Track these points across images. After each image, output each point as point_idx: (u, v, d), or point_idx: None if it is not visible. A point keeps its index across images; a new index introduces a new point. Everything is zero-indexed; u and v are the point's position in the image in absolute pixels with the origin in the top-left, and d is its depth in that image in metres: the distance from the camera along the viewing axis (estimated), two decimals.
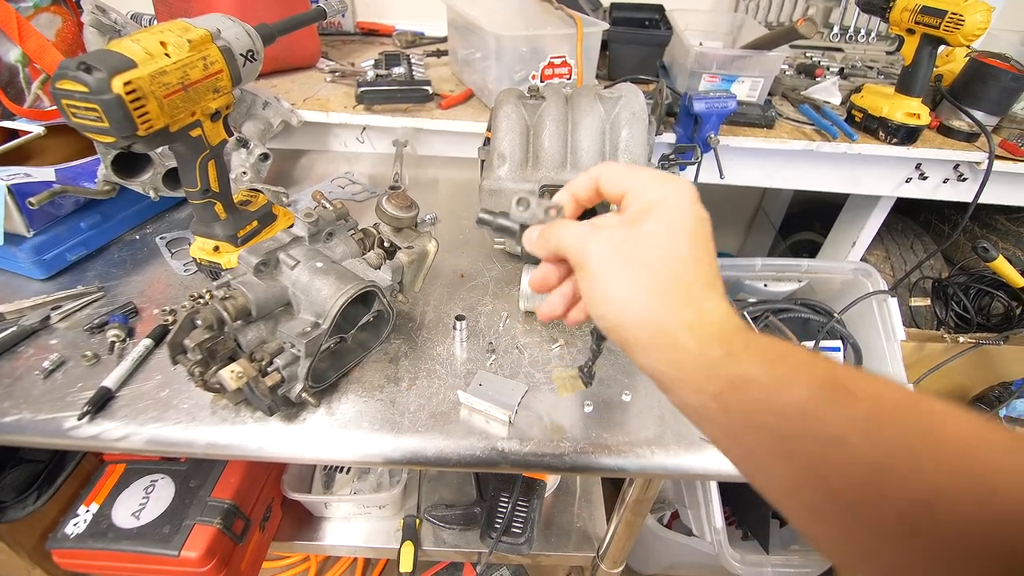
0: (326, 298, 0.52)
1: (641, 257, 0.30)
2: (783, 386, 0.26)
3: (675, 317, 0.29)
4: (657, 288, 0.30)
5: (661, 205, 0.32)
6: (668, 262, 0.30)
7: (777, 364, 0.27)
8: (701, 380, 0.28)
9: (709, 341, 0.28)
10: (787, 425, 0.25)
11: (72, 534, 0.76)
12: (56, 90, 0.50)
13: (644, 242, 0.31)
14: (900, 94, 1.01)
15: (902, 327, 1.13)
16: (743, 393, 0.27)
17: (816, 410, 0.24)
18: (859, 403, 0.24)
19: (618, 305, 0.31)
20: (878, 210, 1.28)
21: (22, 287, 0.72)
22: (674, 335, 0.29)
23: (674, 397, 0.30)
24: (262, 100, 0.93)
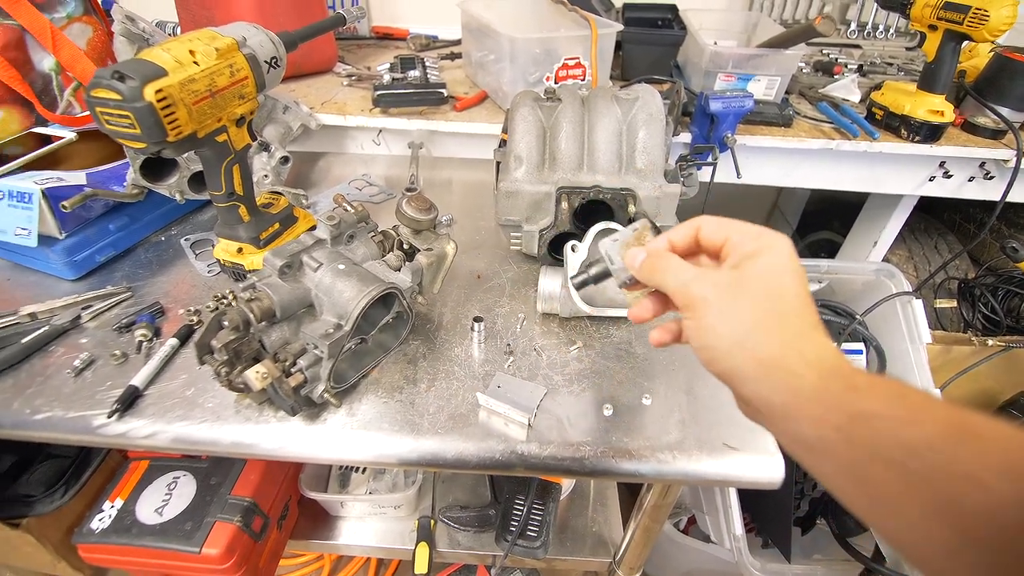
0: (348, 300, 0.53)
1: (750, 297, 0.32)
2: (908, 423, 0.26)
3: (791, 349, 0.30)
4: (768, 324, 0.31)
5: (765, 252, 0.33)
6: (776, 301, 0.32)
7: (899, 402, 0.27)
8: (820, 412, 0.28)
9: (829, 375, 0.29)
10: (918, 460, 0.25)
11: (97, 529, 0.77)
12: (91, 98, 0.51)
13: (752, 284, 0.33)
14: (922, 91, 1.00)
15: (927, 329, 1.11)
16: (868, 427, 0.27)
17: (946, 447, 0.24)
18: (989, 444, 0.24)
19: (729, 340, 0.32)
20: (900, 209, 1.26)
21: (53, 287, 0.74)
22: (791, 366, 0.30)
23: (788, 427, 0.30)
24: (282, 104, 0.95)
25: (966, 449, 0.24)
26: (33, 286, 0.74)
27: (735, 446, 0.56)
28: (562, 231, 0.71)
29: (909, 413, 0.26)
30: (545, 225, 0.72)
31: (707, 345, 0.33)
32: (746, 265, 0.33)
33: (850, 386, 0.28)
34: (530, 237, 0.74)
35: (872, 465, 0.26)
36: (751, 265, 0.33)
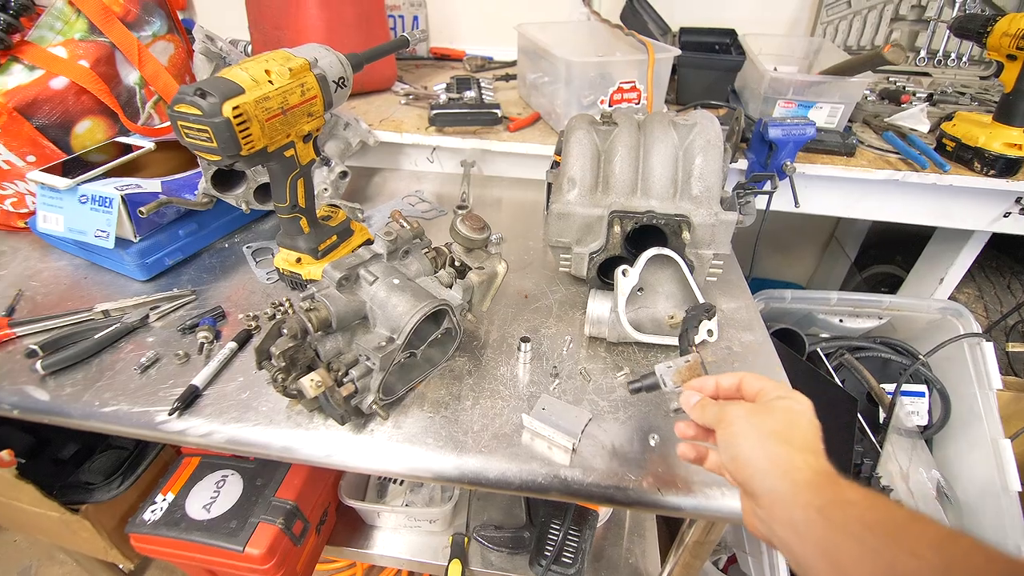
0: (401, 314, 0.54)
1: (771, 419, 0.42)
2: (872, 508, 0.34)
3: (796, 453, 0.39)
4: (782, 437, 0.40)
5: (789, 398, 0.43)
6: (791, 427, 0.41)
7: (869, 495, 0.35)
8: (809, 496, 0.36)
9: (822, 473, 0.37)
10: (874, 537, 0.32)
11: (149, 520, 0.80)
12: (173, 112, 0.55)
13: (774, 412, 0.42)
14: (999, 123, 0.95)
15: (998, 375, 1.04)
16: (842, 510, 0.34)
17: (896, 527, 0.32)
18: (928, 527, 0.32)
19: (749, 445, 0.41)
20: (970, 245, 1.19)
21: (125, 287, 0.78)
22: (795, 464, 0.38)
23: (785, 513, 0.37)
24: (343, 121, 0.98)
25: (909, 531, 0.32)
26: (107, 285, 0.79)
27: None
28: (613, 255, 0.70)
29: (875, 503, 0.35)
30: (596, 248, 0.72)
31: (733, 448, 0.42)
32: (773, 403, 0.44)
33: (834, 481, 0.37)
34: (580, 260, 0.74)
35: (841, 540, 0.34)
36: (776, 402, 0.43)
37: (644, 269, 0.66)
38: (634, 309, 0.69)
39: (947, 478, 1.10)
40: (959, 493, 1.08)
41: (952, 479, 1.10)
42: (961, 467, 1.09)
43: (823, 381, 1.02)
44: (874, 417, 1.12)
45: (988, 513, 1.01)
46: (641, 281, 0.67)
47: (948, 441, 1.13)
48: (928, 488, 1.07)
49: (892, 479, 1.03)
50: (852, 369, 1.14)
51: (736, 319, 0.75)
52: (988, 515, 1.01)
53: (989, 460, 1.02)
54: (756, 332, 0.73)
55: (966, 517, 1.05)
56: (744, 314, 0.76)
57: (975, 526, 1.03)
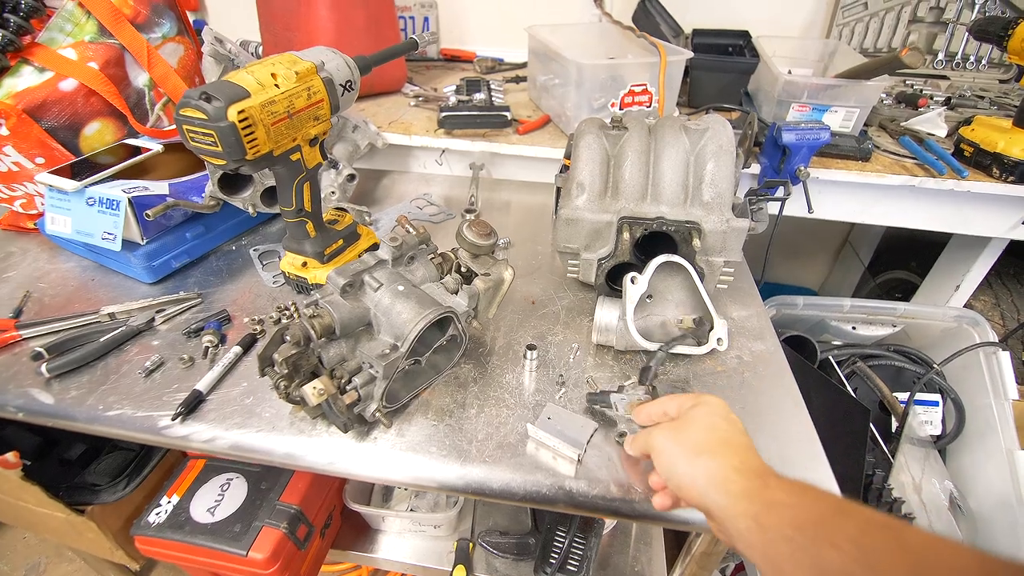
0: (406, 321, 0.53)
1: (691, 432, 0.44)
2: (801, 507, 0.36)
3: (726, 463, 0.41)
4: (708, 449, 0.42)
5: (701, 405, 0.46)
6: (711, 432, 0.44)
7: (798, 493, 0.37)
8: (746, 505, 0.38)
9: (751, 476, 0.39)
10: (802, 535, 0.34)
11: (154, 523, 0.80)
12: (179, 116, 0.54)
13: (690, 424, 0.45)
14: (1019, 128, 0.92)
15: (1015, 384, 1.01)
16: (775, 513, 0.36)
17: (823, 523, 0.34)
18: (851, 519, 0.33)
19: (683, 468, 0.43)
20: (987, 252, 1.16)
21: (132, 289, 0.78)
22: (727, 475, 0.40)
23: (734, 526, 0.38)
24: (352, 124, 0.98)
25: (833, 524, 0.33)
26: (114, 287, 0.79)
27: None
28: (622, 261, 0.69)
29: (803, 500, 0.36)
30: (604, 254, 0.71)
31: (670, 474, 0.44)
32: (689, 414, 0.46)
33: (765, 484, 0.38)
34: (588, 266, 0.73)
35: (775, 544, 0.35)
36: (692, 412, 0.46)
37: (653, 276, 0.65)
38: (643, 317, 0.68)
39: (960, 489, 1.07)
40: (973, 505, 1.06)
41: (966, 490, 1.07)
42: (975, 478, 1.07)
43: (835, 390, 1.01)
44: (886, 426, 1.10)
45: (1002, 525, 0.99)
46: (650, 288, 0.66)
47: (962, 451, 1.10)
48: (941, 499, 1.05)
49: (904, 490, 1.01)
50: (865, 377, 1.12)
51: (747, 327, 0.74)
52: (1002, 527, 0.99)
53: (1004, 472, 1.00)
54: (767, 341, 0.72)
55: (980, 529, 1.03)
56: (755, 322, 0.75)
57: (989, 538, 1.01)
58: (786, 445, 0.58)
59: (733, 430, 0.44)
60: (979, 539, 1.02)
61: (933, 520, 1.01)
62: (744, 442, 0.43)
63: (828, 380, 1.02)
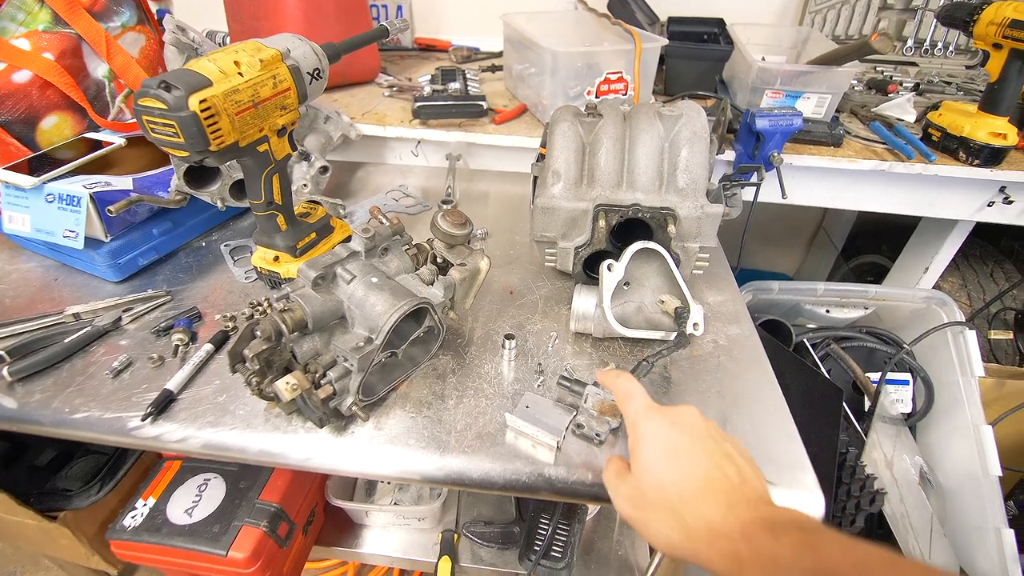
0: (380, 314, 0.52)
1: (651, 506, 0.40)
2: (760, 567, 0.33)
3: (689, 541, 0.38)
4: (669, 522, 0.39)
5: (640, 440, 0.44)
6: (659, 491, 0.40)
7: (772, 570, 0.33)
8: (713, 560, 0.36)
9: (724, 556, 0.36)
10: None
11: (129, 526, 0.79)
12: (138, 107, 0.52)
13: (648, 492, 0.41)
14: (984, 112, 0.95)
15: (980, 362, 1.05)
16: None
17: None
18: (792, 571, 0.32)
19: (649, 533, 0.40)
20: (955, 235, 1.20)
21: (97, 288, 0.76)
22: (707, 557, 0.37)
23: None
24: (323, 114, 0.96)
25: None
26: (79, 286, 0.76)
27: (773, 481, 0.53)
28: (598, 249, 0.69)
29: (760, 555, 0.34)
30: (581, 243, 0.71)
31: (655, 545, 0.40)
32: (637, 466, 0.42)
33: (739, 564, 0.35)
34: (565, 254, 0.72)
35: None
36: (639, 467, 0.42)
37: (630, 263, 0.65)
38: (620, 304, 0.68)
39: (930, 464, 1.11)
40: (941, 478, 1.09)
41: (935, 465, 1.11)
42: (944, 453, 1.10)
43: (809, 371, 1.03)
44: (859, 406, 1.13)
45: (969, 497, 1.02)
46: (627, 275, 0.66)
47: (931, 428, 1.14)
48: (912, 474, 1.08)
49: (877, 466, 1.04)
50: (838, 359, 1.14)
51: (722, 312, 0.75)
52: (969, 499, 1.02)
53: (971, 446, 1.03)
54: (743, 325, 0.72)
55: (948, 502, 1.07)
56: (730, 307, 0.76)
57: (957, 510, 1.05)
58: (761, 425, 0.58)
59: (687, 470, 0.40)
60: (948, 511, 1.06)
61: (904, 494, 1.04)
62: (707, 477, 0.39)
63: (803, 362, 1.04)
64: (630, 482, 0.42)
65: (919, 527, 1.02)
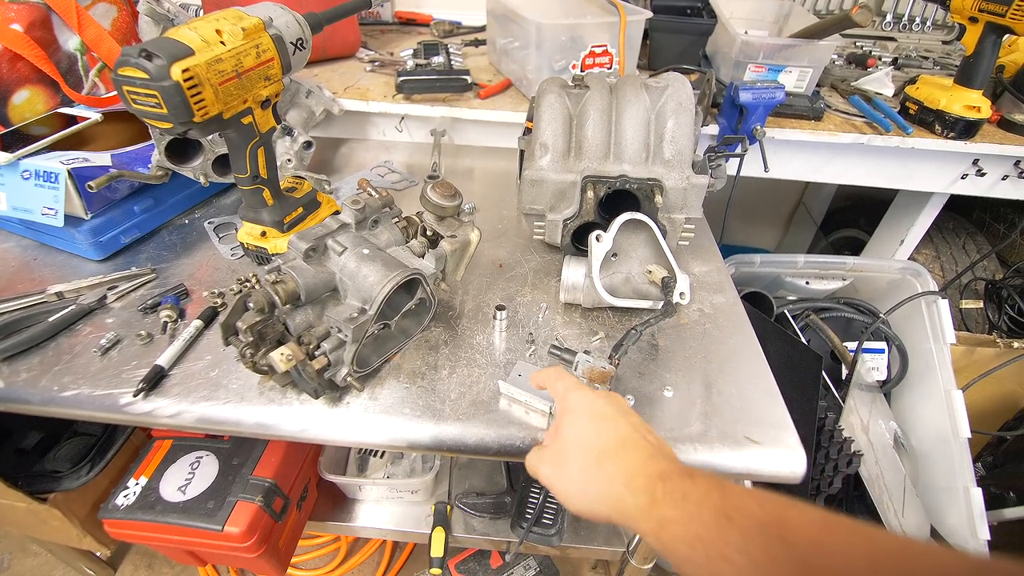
0: (372, 284, 0.53)
1: (569, 466, 0.42)
2: (687, 522, 0.35)
3: (614, 484, 0.39)
4: (591, 477, 0.41)
5: (565, 415, 0.45)
6: (586, 451, 0.42)
7: (683, 504, 0.36)
8: (643, 525, 0.37)
9: (638, 492, 0.38)
10: (694, 552, 0.34)
11: (122, 505, 0.79)
12: (118, 76, 0.51)
13: (564, 451, 0.43)
14: (959, 86, 0.97)
15: (952, 330, 1.09)
16: (667, 531, 0.36)
17: (711, 538, 0.33)
18: (737, 527, 0.33)
19: (576, 502, 0.42)
20: (929, 207, 1.23)
21: (79, 267, 0.74)
22: (619, 494, 0.39)
23: (640, 536, 0.39)
24: (305, 89, 0.94)
25: (719, 536, 0.33)
26: (59, 266, 0.75)
27: (757, 440, 0.56)
28: (587, 221, 0.70)
29: (687, 513, 0.35)
30: (569, 215, 0.71)
31: (563, 501, 0.43)
32: (559, 432, 0.44)
33: (652, 500, 0.37)
34: (554, 227, 0.73)
35: (679, 563, 0.35)
36: (560, 430, 0.44)
37: (618, 234, 0.66)
38: (608, 274, 0.69)
39: (904, 428, 1.15)
40: (914, 442, 1.14)
41: (908, 429, 1.15)
42: (917, 418, 1.15)
43: (790, 341, 1.06)
44: (837, 374, 1.16)
45: (940, 459, 1.07)
46: (615, 246, 0.67)
47: (905, 394, 1.18)
48: (886, 438, 1.12)
49: (854, 431, 1.08)
50: (817, 329, 1.17)
51: (707, 282, 0.76)
52: (940, 461, 1.07)
53: (942, 410, 1.08)
54: (727, 294, 0.74)
55: (920, 463, 1.12)
56: (715, 277, 0.77)
57: (929, 471, 1.10)
58: (746, 389, 0.60)
59: (610, 430, 0.42)
60: (920, 472, 1.11)
61: (879, 457, 1.08)
62: (628, 438, 0.41)
63: (784, 332, 1.06)
64: (552, 448, 0.45)
65: (893, 487, 1.06)
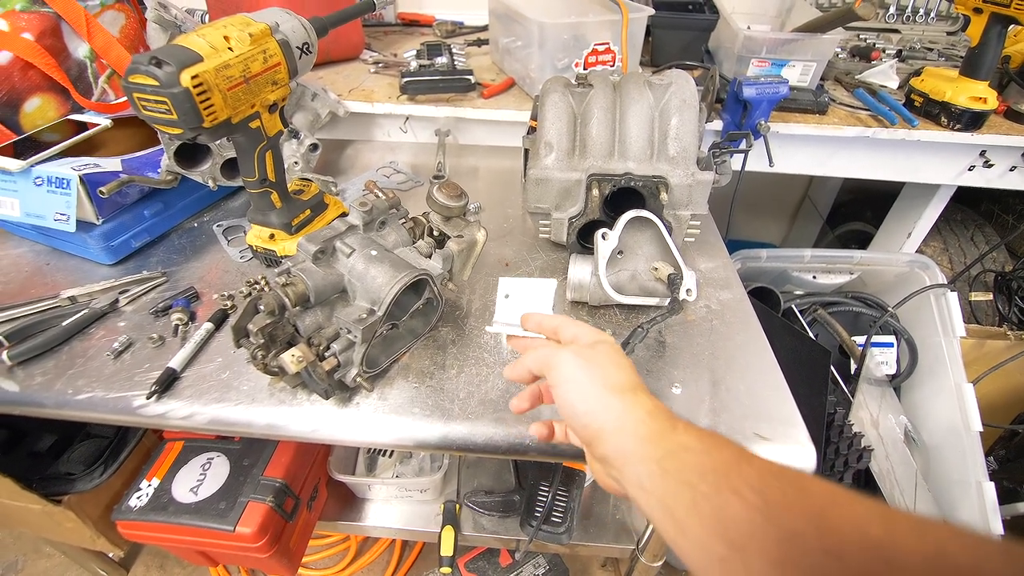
0: (381, 285, 0.53)
1: (598, 369, 0.40)
2: (705, 452, 0.33)
3: (639, 406, 0.38)
4: (613, 387, 0.39)
5: (604, 344, 0.43)
6: (617, 372, 0.40)
7: (704, 438, 0.35)
8: (651, 449, 0.35)
9: (661, 420, 0.37)
10: (704, 483, 0.32)
11: (135, 507, 0.80)
12: (128, 84, 0.52)
13: (598, 361, 0.41)
14: (965, 77, 0.96)
15: (962, 323, 1.08)
16: (677, 458, 0.34)
17: (726, 470, 0.32)
18: (754, 467, 0.32)
19: (585, 399, 0.39)
20: (937, 199, 1.22)
21: (91, 272, 0.75)
22: (639, 416, 0.37)
23: (635, 471, 0.36)
24: (311, 92, 0.95)
25: (737, 472, 0.31)
26: (72, 270, 0.76)
27: (767, 436, 0.56)
28: (592, 219, 0.70)
29: (708, 447, 0.34)
30: (575, 213, 0.72)
31: (569, 402, 0.40)
32: (596, 347, 0.43)
33: (673, 428, 0.36)
34: (559, 225, 0.73)
35: (676, 490, 0.33)
36: (599, 347, 0.43)
37: (623, 232, 0.66)
38: (614, 272, 0.70)
39: (914, 423, 1.15)
40: (925, 436, 1.13)
41: (919, 424, 1.15)
42: (927, 412, 1.14)
43: (798, 336, 1.05)
44: (846, 368, 1.16)
45: (952, 453, 1.07)
46: (620, 244, 0.68)
47: (915, 388, 1.18)
48: (896, 433, 1.12)
49: (863, 426, 1.07)
50: (825, 324, 1.17)
51: (714, 278, 0.76)
52: (952, 455, 1.06)
53: (953, 404, 1.07)
54: (734, 290, 0.74)
55: (931, 458, 1.11)
56: (722, 273, 0.77)
57: (940, 466, 1.09)
58: (754, 385, 0.60)
59: (631, 369, 0.42)
60: (931, 466, 1.10)
61: (889, 451, 1.08)
62: (641, 381, 0.41)
63: (791, 327, 1.06)
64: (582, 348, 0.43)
65: (904, 482, 1.06)
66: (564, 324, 0.47)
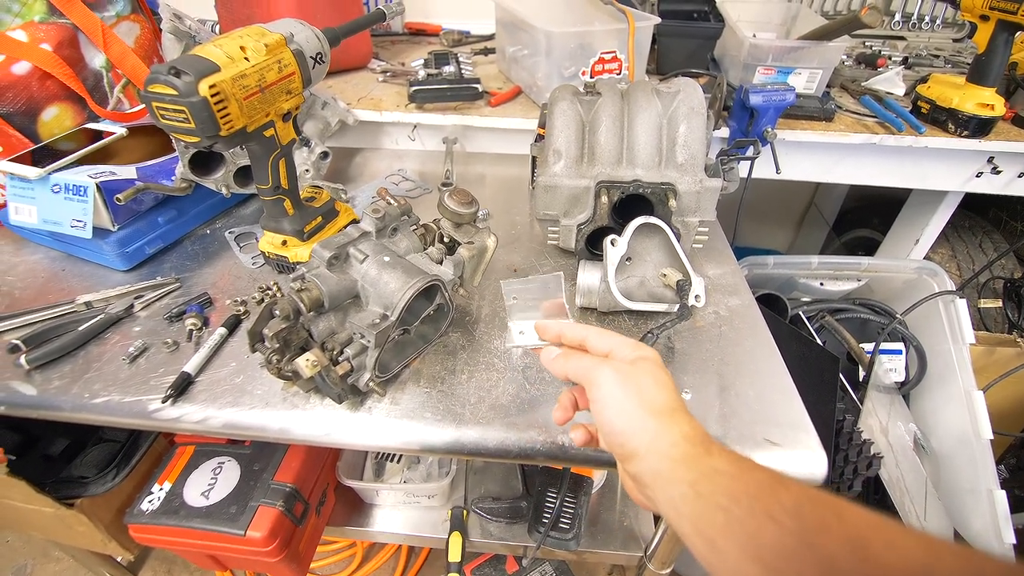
0: (394, 291, 0.54)
1: (638, 389, 0.40)
2: (738, 477, 0.34)
3: (676, 428, 0.38)
4: (652, 408, 0.39)
5: (646, 361, 0.42)
6: (657, 392, 0.40)
7: (737, 463, 0.35)
8: (684, 472, 0.35)
9: (695, 443, 0.37)
10: (738, 507, 0.32)
11: (147, 510, 0.80)
12: (147, 93, 0.53)
13: (639, 380, 0.41)
14: (972, 84, 0.96)
15: (971, 330, 1.08)
16: (711, 481, 0.34)
17: (759, 494, 0.32)
18: (789, 492, 0.31)
19: (624, 419, 0.39)
20: (944, 206, 1.22)
21: (106, 277, 0.77)
22: (670, 437, 0.37)
23: (667, 492, 0.36)
24: (321, 100, 0.96)
25: (772, 496, 0.31)
26: (87, 276, 0.77)
27: (776, 441, 0.56)
28: (601, 225, 0.71)
29: (742, 470, 0.34)
30: (583, 220, 0.72)
31: (607, 420, 0.40)
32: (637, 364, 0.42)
33: (707, 451, 0.36)
34: (568, 232, 0.74)
35: (710, 513, 0.33)
36: (640, 364, 0.42)
37: (632, 238, 0.67)
38: (623, 278, 0.70)
39: (923, 430, 1.14)
40: (935, 443, 1.13)
41: (928, 431, 1.14)
42: (937, 419, 1.14)
43: (806, 343, 1.05)
44: (854, 375, 1.16)
45: (962, 461, 1.06)
46: (629, 250, 0.68)
47: (924, 395, 1.17)
48: (906, 440, 1.11)
49: (872, 433, 1.07)
50: (833, 330, 1.17)
51: (722, 284, 0.77)
52: (962, 463, 1.06)
53: (963, 411, 1.06)
54: (742, 296, 0.75)
55: (942, 466, 1.10)
56: (730, 279, 0.78)
57: (950, 474, 1.08)
58: (764, 390, 0.61)
59: (672, 387, 0.41)
60: (941, 474, 1.10)
61: (899, 459, 1.07)
62: (681, 402, 0.41)
63: (799, 334, 1.06)
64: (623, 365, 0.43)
65: (914, 490, 1.05)
66: (594, 336, 0.45)
